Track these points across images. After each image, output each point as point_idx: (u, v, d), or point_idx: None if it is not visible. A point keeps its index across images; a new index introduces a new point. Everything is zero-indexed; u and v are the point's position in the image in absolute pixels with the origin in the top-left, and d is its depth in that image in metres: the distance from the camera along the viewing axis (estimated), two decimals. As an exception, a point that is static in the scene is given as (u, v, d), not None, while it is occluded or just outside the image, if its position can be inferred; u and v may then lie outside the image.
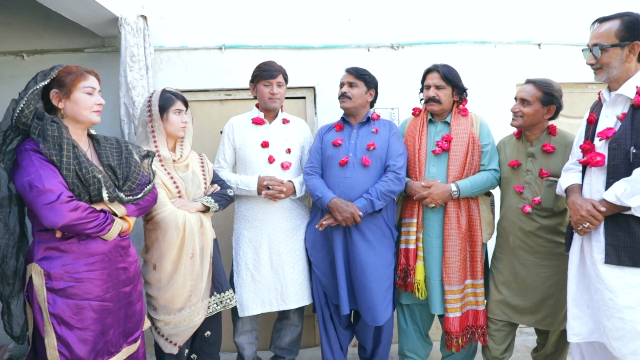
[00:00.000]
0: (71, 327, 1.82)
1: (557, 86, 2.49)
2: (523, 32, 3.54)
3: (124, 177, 1.97)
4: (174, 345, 2.35)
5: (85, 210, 1.81)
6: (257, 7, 3.37)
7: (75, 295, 1.83)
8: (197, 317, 2.35)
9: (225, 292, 2.51)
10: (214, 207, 2.42)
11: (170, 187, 2.32)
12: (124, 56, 2.97)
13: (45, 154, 1.78)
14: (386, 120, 2.83)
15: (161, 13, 3.29)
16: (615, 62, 1.99)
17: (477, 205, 2.66)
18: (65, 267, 1.83)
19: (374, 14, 3.44)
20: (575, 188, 2.14)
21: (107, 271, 1.93)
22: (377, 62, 3.43)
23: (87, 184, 1.84)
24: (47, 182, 1.74)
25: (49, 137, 1.78)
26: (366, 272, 2.60)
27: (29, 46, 3.29)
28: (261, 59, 2.93)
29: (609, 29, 2.00)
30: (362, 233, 2.62)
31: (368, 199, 2.56)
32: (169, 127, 2.36)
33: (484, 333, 2.65)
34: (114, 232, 1.92)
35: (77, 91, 1.89)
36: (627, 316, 1.89)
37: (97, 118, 1.96)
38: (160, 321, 2.32)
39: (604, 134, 2.01)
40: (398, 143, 2.72)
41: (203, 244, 2.36)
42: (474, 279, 2.64)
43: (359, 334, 2.84)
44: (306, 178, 2.72)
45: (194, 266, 2.31)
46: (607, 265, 1.95)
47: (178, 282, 2.27)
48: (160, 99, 2.35)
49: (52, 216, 1.73)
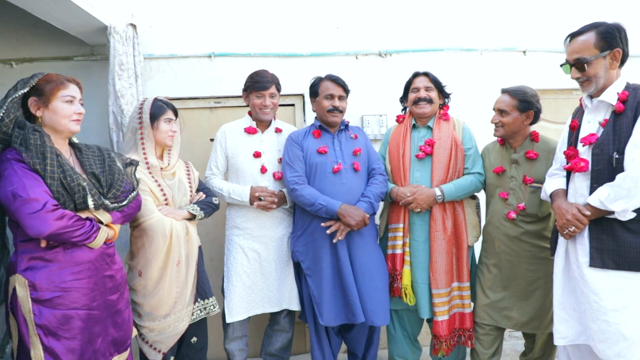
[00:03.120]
0: (58, 338, 1.79)
1: (531, 92, 2.53)
2: (508, 40, 3.61)
3: (108, 185, 1.96)
4: (158, 352, 2.35)
5: (71, 218, 1.79)
6: (246, 15, 3.40)
7: (61, 305, 1.81)
8: (182, 324, 2.36)
9: (208, 298, 2.51)
10: (199, 214, 2.43)
11: (157, 194, 2.32)
12: (113, 65, 2.97)
13: (29, 162, 1.74)
14: (355, 127, 2.93)
15: (151, 21, 3.31)
16: (601, 71, 2.03)
17: (463, 209, 2.69)
18: (51, 277, 1.80)
19: (362, 22, 3.49)
20: (560, 193, 2.18)
21: (93, 279, 1.90)
22: (365, 70, 3.47)
23: (72, 192, 1.81)
24: (32, 191, 1.72)
25: (32, 145, 1.75)
26: (372, 273, 2.62)
27: (18, 54, 3.29)
28: (250, 66, 2.95)
29: (587, 42, 2.04)
30: (363, 236, 2.65)
31: (368, 201, 2.60)
32: (159, 136, 2.37)
33: (470, 336, 2.68)
34: (100, 239, 1.90)
35: (55, 100, 1.86)
36: (611, 319, 1.92)
37: (76, 127, 1.93)
38: (145, 328, 2.31)
39: (587, 140, 2.05)
40: (372, 147, 2.84)
41: (189, 251, 2.37)
42: (460, 282, 2.67)
43: (351, 341, 2.84)
44: (298, 188, 2.61)
45: (179, 273, 2.31)
46: (592, 268, 1.99)
47: (164, 289, 2.27)
48: (152, 107, 2.36)
49: (37, 225, 1.71)
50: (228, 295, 2.72)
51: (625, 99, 1.98)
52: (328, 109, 2.71)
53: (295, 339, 3.07)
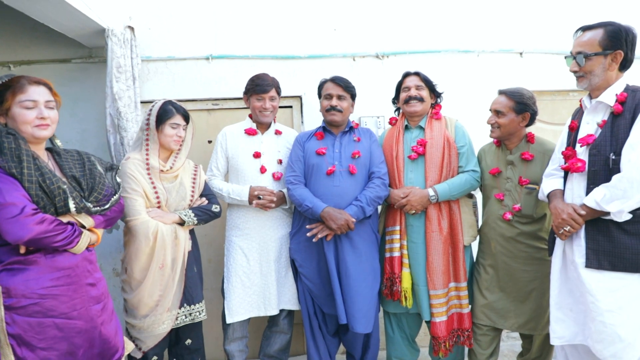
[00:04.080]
0: (33, 348, 1.71)
1: (528, 94, 2.55)
2: (505, 41, 3.62)
3: (89, 188, 1.90)
4: (138, 349, 2.36)
5: (52, 222, 1.73)
6: (244, 17, 3.40)
7: (37, 313, 1.72)
8: (161, 327, 2.34)
9: (195, 304, 2.48)
10: (191, 221, 2.41)
11: (150, 196, 2.34)
12: (110, 67, 2.97)
13: (4, 167, 1.69)
14: (365, 129, 2.90)
15: (148, 24, 3.32)
16: (597, 70, 2.04)
17: (459, 208, 2.69)
18: (28, 282, 1.72)
19: (359, 24, 3.50)
20: (558, 193, 2.19)
21: (73, 287, 1.83)
22: (362, 72, 3.48)
23: (52, 195, 1.75)
24: (8, 195, 1.66)
25: (6, 149, 1.69)
26: (358, 279, 2.61)
27: (16, 57, 3.29)
28: (248, 68, 2.95)
29: (593, 38, 2.04)
30: (352, 240, 2.64)
31: (359, 205, 2.59)
32: (163, 139, 2.38)
33: (469, 336, 2.68)
34: (82, 244, 1.85)
35: (14, 106, 1.76)
36: (607, 319, 1.93)
37: (42, 133, 1.80)
38: (128, 323, 2.37)
39: (584, 141, 2.06)
40: (379, 150, 2.79)
41: (175, 256, 2.36)
42: (457, 282, 2.67)
43: (348, 342, 2.85)
44: (291, 187, 2.69)
45: (163, 276, 2.31)
46: (588, 269, 1.99)
47: (145, 290, 2.29)
48: (160, 110, 2.37)
49: (17, 230, 1.65)
50: (228, 296, 2.73)
51: (624, 100, 1.99)
52: (326, 108, 2.75)
53: (293, 340, 3.08)
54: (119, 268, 3.40)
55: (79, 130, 3.31)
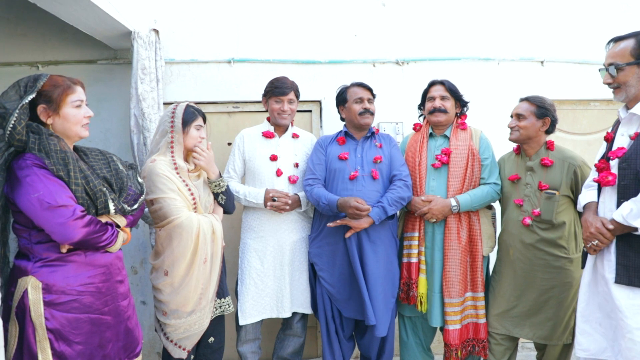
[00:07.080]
0: (70, 343, 1.76)
1: (549, 101, 2.56)
2: (526, 50, 3.60)
3: (118, 189, 1.94)
4: (183, 349, 2.38)
5: (97, 224, 1.79)
6: (265, 22, 3.45)
7: (75, 309, 1.78)
8: (206, 320, 2.38)
9: (225, 297, 2.54)
10: (223, 186, 2.51)
11: (185, 194, 2.36)
12: (136, 69, 3.04)
13: (52, 169, 1.71)
14: (385, 134, 2.91)
15: (172, 27, 3.38)
16: (632, 80, 1.98)
17: (478, 219, 2.68)
18: (67, 279, 1.77)
19: (380, 31, 3.52)
20: (592, 206, 2.14)
21: (106, 284, 1.89)
22: (382, 78, 3.50)
23: (95, 197, 1.80)
24: (59, 197, 1.69)
25: (52, 152, 1.72)
26: (377, 282, 2.62)
27: (44, 57, 3.38)
28: (269, 72, 2.99)
29: (625, 48, 1.99)
30: (374, 244, 2.65)
31: (380, 206, 2.59)
32: (188, 141, 2.42)
33: (485, 347, 2.66)
34: (119, 244, 1.91)
35: (65, 106, 1.80)
36: (636, 337, 1.86)
37: (86, 132, 1.88)
38: (170, 326, 2.33)
39: (614, 154, 2.00)
40: (399, 154, 2.80)
41: (214, 250, 2.39)
42: (474, 292, 2.65)
43: (364, 346, 2.84)
44: (309, 189, 2.69)
45: (205, 271, 2.34)
46: (618, 285, 1.93)
47: (190, 286, 2.29)
48: (185, 113, 2.41)
49: (68, 232, 1.70)
50: (241, 297, 2.75)
51: None
52: (360, 111, 2.74)
53: (306, 344, 3.08)
54: (137, 266, 3.45)
55: (102, 130, 3.38)
